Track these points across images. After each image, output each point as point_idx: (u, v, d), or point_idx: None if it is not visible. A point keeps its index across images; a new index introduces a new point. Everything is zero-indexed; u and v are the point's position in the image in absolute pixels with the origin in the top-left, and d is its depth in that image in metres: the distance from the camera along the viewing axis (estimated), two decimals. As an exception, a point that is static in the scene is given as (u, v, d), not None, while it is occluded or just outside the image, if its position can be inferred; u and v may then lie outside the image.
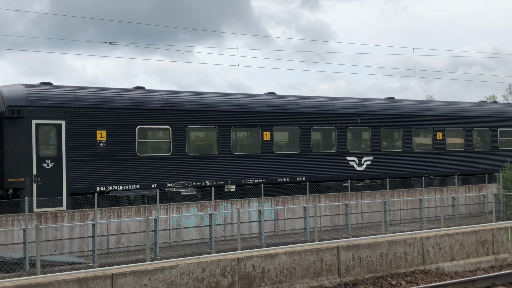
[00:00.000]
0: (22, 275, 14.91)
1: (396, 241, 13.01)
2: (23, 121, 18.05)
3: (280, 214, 22.18)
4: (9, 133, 18.00)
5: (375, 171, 25.02)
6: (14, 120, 17.97)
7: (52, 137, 18.57)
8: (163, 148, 20.66)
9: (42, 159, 18.19)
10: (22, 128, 18.06)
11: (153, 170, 20.03)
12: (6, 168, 17.88)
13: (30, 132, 18.09)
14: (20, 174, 17.90)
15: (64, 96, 19.09)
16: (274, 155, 22.58)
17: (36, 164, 18.07)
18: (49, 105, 18.58)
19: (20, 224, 17.07)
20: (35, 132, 18.19)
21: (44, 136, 18.51)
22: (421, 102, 30.47)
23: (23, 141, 18.05)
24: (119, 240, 18.95)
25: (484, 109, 29.54)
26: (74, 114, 18.87)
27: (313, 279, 11.71)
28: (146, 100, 20.49)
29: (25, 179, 17.90)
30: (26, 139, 18.05)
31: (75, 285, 9.22)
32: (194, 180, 20.84)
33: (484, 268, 14.09)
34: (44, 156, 18.28)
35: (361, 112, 25.04)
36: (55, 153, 18.44)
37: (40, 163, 18.13)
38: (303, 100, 24.27)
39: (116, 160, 19.47)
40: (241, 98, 22.98)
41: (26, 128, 18.07)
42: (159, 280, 10.00)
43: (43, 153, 18.34)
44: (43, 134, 18.44)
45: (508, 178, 26.95)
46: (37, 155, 18.12)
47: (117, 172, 19.44)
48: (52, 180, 18.27)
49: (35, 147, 18.10)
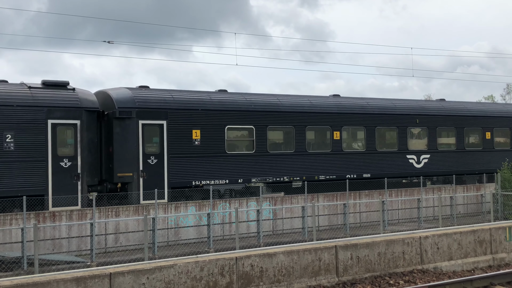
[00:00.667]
0: (20, 274, 14.90)
1: (394, 241, 13.02)
2: (131, 122, 19.96)
3: (278, 213, 22.19)
4: (118, 132, 19.86)
5: (431, 169, 26.90)
6: (123, 120, 19.86)
7: (156, 136, 20.53)
8: (247, 146, 22.53)
9: (147, 155, 20.20)
10: (130, 128, 19.98)
11: (239, 167, 21.94)
12: (115, 164, 19.70)
13: (137, 131, 20.06)
14: (128, 169, 19.80)
15: (165, 99, 21.15)
16: (343, 153, 24.46)
17: (142, 161, 20.04)
18: (153, 107, 20.54)
19: (18, 223, 17.06)
20: (141, 131, 20.16)
21: (149, 135, 20.43)
22: (471, 104, 31.91)
23: (131, 140, 19.98)
24: (117, 239, 18.94)
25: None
26: (174, 115, 20.86)
27: (311, 279, 11.72)
28: (233, 102, 22.52)
29: (133, 174, 19.88)
30: (133, 137, 20.00)
31: (73, 284, 9.21)
32: (274, 176, 22.70)
33: (482, 268, 14.11)
34: (148, 153, 20.26)
35: (419, 113, 27.03)
36: (158, 150, 20.42)
37: (145, 159, 20.12)
38: (368, 102, 26.19)
39: (208, 157, 21.38)
40: (313, 100, 24.84)
41: (134, 128, 20.02)
42: (157, 279, 10.00)
43: (148, 150, 20.28)
44: (148, 133, 20.36)
45: (506, 178, 26.99)
46: (143, 152, 20.12)
47: (209, 168, 21.36)
48: (156, 175, 20.23)
49: (141, 145, 20.09)
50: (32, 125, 18.31)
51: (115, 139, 19.79)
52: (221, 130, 21.64)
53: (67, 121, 18.88)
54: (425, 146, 26.84)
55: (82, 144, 19.05)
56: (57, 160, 18.59)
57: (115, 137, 19.79)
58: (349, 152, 24.63)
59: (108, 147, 20.07)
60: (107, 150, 20.08)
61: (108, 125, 20.09)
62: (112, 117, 19.82)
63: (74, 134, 18.98)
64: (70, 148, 18.98)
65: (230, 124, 21.96)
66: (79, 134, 19.00)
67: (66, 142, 19.05)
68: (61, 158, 18.68)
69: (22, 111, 18.22)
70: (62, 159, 18.67)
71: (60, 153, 18.73)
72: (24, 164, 18.09)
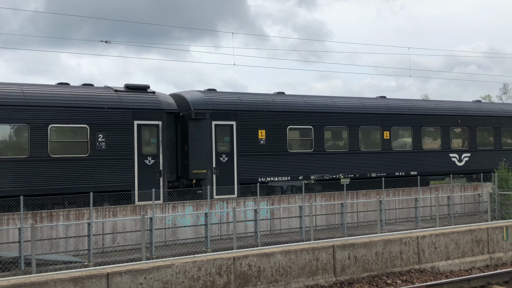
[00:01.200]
0: (17, 274, 14.88)
1: (392, 240, 13.03)
2: (205, 122, 21.54)
3: (276, 213, 22.20)
4: (193, 132, 21.39)
5: (472, 166, 28.57)
6: (198, 121, 21.44)
7: (227, 136, 22.08)
8: (306, 145, 23.95)
9: (219, 154, 21.73)
10: (204, 128, 21.54)
11: (299, 164, 23.44)
12: (190, 161, 21.23)
13: (210, 131, 21.61)
14: (203, 167, 21.38)
15: (234, 101, 22.75)
16: (392, 152, 26.15)
17: (215, 158, 21.58)
18: (224, 108, 22.15)
19: (15, 223, 17.04)
20: (214, 131, 21.72)
21: (221, 134, 21.95)
22: (508, 105, 33.27)
23: (205, 139, 21.53)
24: (114, 239, 18.93)
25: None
26: (242, 116, 22.44)
27: (308, 278, 11.72)
28: (294, 104, 24.08)
29: (207, 171, 21.40)
30: (207, 137, 21.54)
31: (71, 284, 9.20)
32: (330, 173, 24.22)
33: (479, 267, 14.12)
34: (220, 151, 21.80)
35: (461, 114, 28.74)
36: (229, 149, 22.00)
37: (218, 157, 21.68)
38: (413, 104, 28.16)
39: (272, 156, 22.93)
40: (364, 102, 26.51)
41: (207, 128, 21.57)
42: (155, 279, 9.99)
43: (220, 149, 21.83)
44: (220, 133, 21.90)
45: (503, 178, 27.03)
46: (216, 151, 21.67)
47: (273, 165, 22.90)
48: (227, 172, 21.81)
49: (214, 144, 21.65)
50: (120, 126, 19.80)
51: (190, 139, 21.35)
52: (283, 130, 23.27)
53: (150, 122, 20.43)
54: (466, 145, 28.60)
55: (163, 143, 20.60)
56: (142, 158, 20.14)
57: (190, 136, 21.36)
58: (397, 151, 26.37)
59: (183, 146, 21.61)
60: (182, 148, 21.62)
61: (183, 126, 21.63)
62: (188, 118, 21.38)
63: (156, 134, 20.54)
64: (153, 147, 20.49)
65: (291, 124, 23.54)
66: (160, 134, 20.53)
67: (149, 141, 20.64)
68: (145, 156, 20.23)
69: (112, 113, 19.72)
70: (146, 157, 20.25)
71: (144, 152, 20.26)
72: (114, 161, 19.62)
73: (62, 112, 18.90)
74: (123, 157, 19.74)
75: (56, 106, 18.88)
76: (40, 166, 18.41)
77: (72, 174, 18.81)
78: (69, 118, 19.00)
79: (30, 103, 18.51)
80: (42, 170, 18.42)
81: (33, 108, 18.50)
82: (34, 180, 18.30)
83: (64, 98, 19.23)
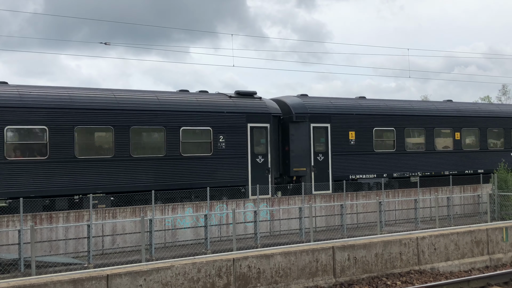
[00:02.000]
0: (17, 276, 14.87)
1: (391, 242, 13.03)
2: (304, 125, 24.01)
3: (276, 214, 22.20)
4: (294, 134, 23.81)
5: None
6: (298, 124, 23.89)
7: (322, 137, 24.48)
8: (389, 145, 26.43)
9: (316, 153, 24.21)
10: (304, 130, 23.99)
11: (384, 163, 25.95)
12: (291, 160, 23.61)
13: (309, 133, 24.07)
14: (303, 165, 23.75)
15: (328, 105, 25.21)
16: (463, 152, 28.62)
17: (313, 157, 23.98)
18: (320, 112, 24.62)
19: (15, 224, 17.03)
20: (312, 133, 24.16)
21: (318, 136, 24.33)
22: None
23: (304, 140, 23.95)
24: (114, 240, 18.92)
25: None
26: (335, 119, 24.84)
27: (308, 280, 11.72)
28: (378, 107, 26.60)
29: (306, 169, 23.80)
30: (306, 138, 24.01)
31: (70, 286, 9.19)
32: (410, 171, 26.64)
33: (479, 268, 14.12)
34: (317, 151, 24.24)
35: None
36: (324, 149, 24.39)
37: (315, 156, 24.13)
38: (479, 107, 31.13)
39: (361, 155, 25.30)
40: (437, 105, 29.26)
41: (306, 130, 24.03)
42: (155, 280, 9.99)
43: (317, 149, 24.22)
44: (317, 135, 24.31)
45: (502, 178, 27.03)
46: (314, 151, 24.08)
47: (362, 164, 25.26)
48: (323, 170, 24.22)
49: (312, 144, 24.07)
50: (237, 128, 22.33)
51: (291, 140, 23.77)
52: (370, 131, 25.74)
53: (261, 124, 22.94)
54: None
55: (271, 143, 23.05)
56: (254, 157, 22.65)
57: (291, 138, 23.78)
58: (467, 150, 28.83)
59: (284, 146, 23.94)
60: (283, 148, 23.97)
61: (284, 128, 24.03)
62: (289, 121, 23.91)
63: (265, 135, 23.00)
64: (262, 147, 22.93)
65: (377, 126, 25.99)
66: (269, 135, 23.01)
67: (260, 142, 22.99)
68: (256, 155, 22.71)
69: (230, 117, 22.26)
70: (257, 156, 22.73)
71: (256, 151, 22.70)
72: (232, 160, 22.08)
73: (192, 116, 21.43)
74: (239, 156, 22.27)
75: (187, 111, 21.42)
76: (173, 164, 20.85)
77: (198, 171, 21.20)
78: (197, 122, 21.53)
79: (165, 109, 20.98)
80: (175, 167, 20.86)
81: (168, 113, 20.94)
82: (168, 176, 20.65)
83: (193, 104, 21.78)
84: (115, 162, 19.63)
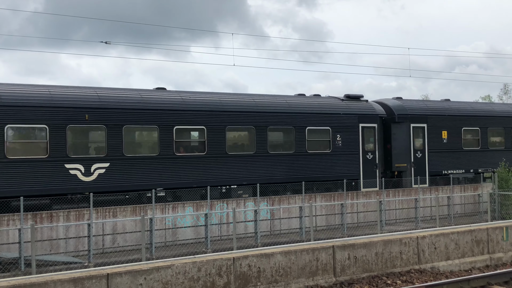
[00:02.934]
0: (17, 275, 14.88)
1: (392, 241, 13.03)
2: (405, 125, 26.72)
3: (276, 213, 22.20)
4: (396, 133, 26.52)
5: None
6: (400, 124, 26.58)
7: (420, 136, 27.15)
8: (474, 143, 29.16)
9: (415, 150, 26.75)
10: (404, 130, 26.70)
11: (471, 160, 28.53)
12: (393, 157, 26.36)
13: (409, 132, 26.79)
14: (404, 161, 26.56)
15: (424, 107, 28.16)
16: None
17: (412, 154, 26.68)
18: (418, 113, 27.34)
19: (15, 223, 17.04)
20: (412, 132, 26.85)
21: (416, 135, 27.03)
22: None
23: (405, 139, 26.67)
24: (114, 239, 18.93)
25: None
26: (431, 119, 27.51)
27: (308, 279, 11.72)
28: (466, 109, 29.39)
29: (407, 165, 26.52)
30: (406, 137, 26.71)
31: (71, 285, 9.20)
32: (493, 167, 28.97)
33: (479, 268, 14.12)
34: (416, 148, 26.85)
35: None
36: (421, 147, 27.08)
37: (414, 153, 26.77)
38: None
39: (452, 152, 27.98)
40: (494, 106, 31.74)
41: (406, 130, 26.74)
42: (155, 279, 9.99)
43: (416, 146, 26.89)
44: (415, 134, 26.99)
45: (503, 178, 27.01)
46: (413, 148, 26.79)
47: (452, 160, 27.93)
48: (421, 165, 26.91)
49: (412, 142, 26.75)
50: (351, 128, 25.00)
51: (393, 138, 26.39)
52: (459, 131, 28.34)
53: (370, 124, 25.66)
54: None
55: (378, 142, 25.77)
56: (364, 153, 25.33)
57: (393, 136, 26.40)
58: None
59: (386, 144, 26.38)
60: (385, 146, 26.40)
61: (385, 128, 26.45)
62: (390, 122, 26.47)
63: (373, 134, 25.71)
64: (371, 145, 25.67)
65: (465, 126, 28.62)
66: (376, 134, 25.71)
67: (369, 140, 25.75)
68: (367, 152, 25.43)
69: (345, 118, 24.96)
70: (368, 153, 25.45)
71: (366, 149, 25.44)
72: (347, 156, 24.81)
73: (315, 117, 24.27)
74: (353, 152, 24.99)
75: (312, 113, 24.25)
76: (301, 159, 23.59)
77: (320, 165, 24.07)
78: (318, 122, 24.29)
79: (293, 111, 23.82)
80: (302, 162, 23.61)
81: (295, 115, 23.70)
82: (297, 171, 23.37)
83: (315, 106, 24.71)
84: (255, 157, 22.64)
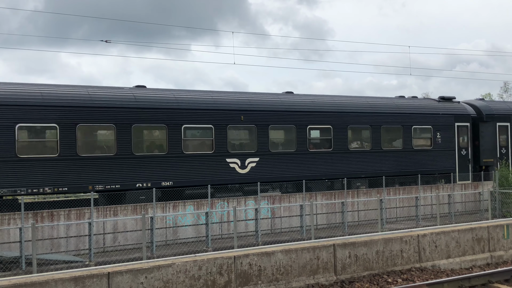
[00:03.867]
0: (18, 274, 14.89)
1: (392, 239, 13.03)
2: (492, 124, 29.58)
3: (277, 212, 22.19)
4: (484, 131, 29.27)
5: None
6: (487, 123, 29.40)
7: (505, 134, 29.99)
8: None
9: (500, 147, 29.84)
10: (491, 128, 29.56)
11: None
12: (481, 153, 29.12)
13: (495, 130, 29.65)
14: (490, 157, 29.39)
15: (507, 108, 30.81)
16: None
17: (498, 150, 29.59)
18: (503, 113, 30.18)
19: (16, 222, 17.05)
20: (498, 130, 29.67)
21: (501, 133, 29.84)
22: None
23: (492, 136, 29.54)
24: (115, 238, 18.93)
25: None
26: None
27: (309, 277, 11.73)
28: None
29: (493, 160, 29.34)
30: (493, 135, 29.60)
31: (72, 283, 9.21)
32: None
33: (480, 266, 14.12)
34: (501, 145, 29.81)
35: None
36: (506, 143, 29.98)
37: (500, 150, 29.75)
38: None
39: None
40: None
41: (493, 128, 29.61)
42: (156, 278, 10.00)
43: (501, 144, 29.79)
44: (501, 132, 29.78)
45: (504, 176, 27.00)
46: (499, 145, 29.71)
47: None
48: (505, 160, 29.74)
49: (498, 140, 29.68)
50: (448, 126, 27.89)
51: (481, 136, 29.12)
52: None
53: (463, 123, 28.49)
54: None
55: (470, 139, 28.47)
56: (459, 150, 28.27)
57: (481, 134, 29.12)
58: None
59: (474, 141, 28.93)
60: (473, 143, 28.87)
61: (474, 126, 29.03)
62: (479, 121, 29.17)
63: (466, 132, 28.50)
64: (465, 142, 28.42)
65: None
66: (469, 132, 28.50)
67: (463, 138, 28.38)
68: (461, 148, 28.29)
69: (443, 118, 27.82)
70: (462, 149, 28.33)
71: (460, 145, 28.25)
72: (445, 152, 27.68)
73: (419, 117, 27.08)
74: (450, 149, 27.87)
75: (416, 114, 27.11)
76: (408, 154, 26.44)
77: (424, 160, 26.94)
78: (421, 122, 27.18)
79: (402, 111, 26.70)
80: (408, 157, 26.53)
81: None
82: (402, 165, 26.25)
83: (417, 107, 27.49)
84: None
